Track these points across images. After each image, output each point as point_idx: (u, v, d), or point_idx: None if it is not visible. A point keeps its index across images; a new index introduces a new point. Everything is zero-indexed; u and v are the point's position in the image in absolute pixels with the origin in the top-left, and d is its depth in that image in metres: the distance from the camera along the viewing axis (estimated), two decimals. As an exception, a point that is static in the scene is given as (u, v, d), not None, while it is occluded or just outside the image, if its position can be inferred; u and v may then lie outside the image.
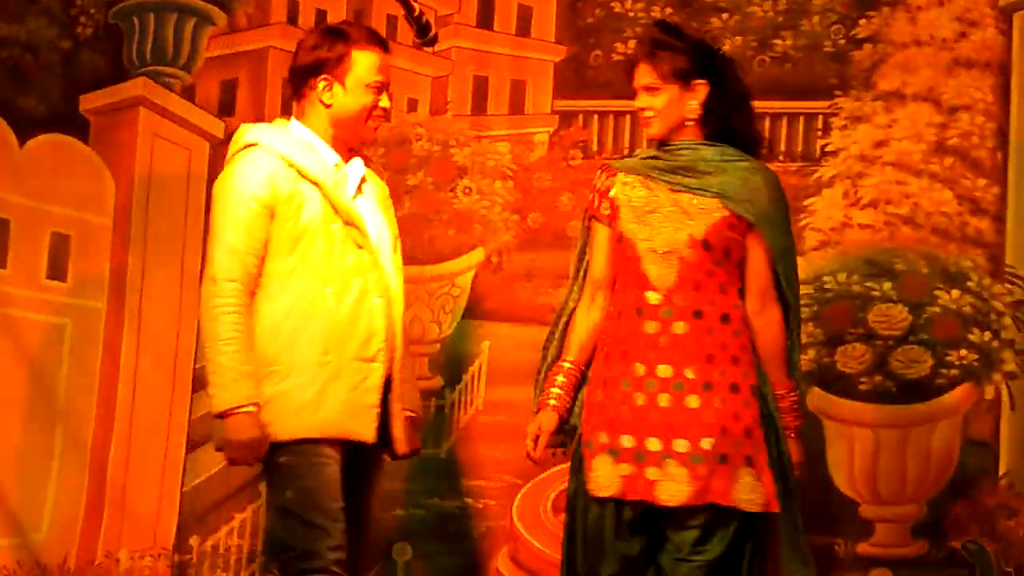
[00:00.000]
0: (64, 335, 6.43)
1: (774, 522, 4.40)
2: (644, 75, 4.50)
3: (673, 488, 4.33)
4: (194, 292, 6.44)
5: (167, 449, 6.38)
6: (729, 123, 4.49)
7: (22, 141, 6.53)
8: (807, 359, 5.84)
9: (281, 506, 4.34)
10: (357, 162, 4.50)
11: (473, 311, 6.21)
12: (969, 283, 5.81)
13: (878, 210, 5.93)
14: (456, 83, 6.39)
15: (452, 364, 6.24)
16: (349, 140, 4.49)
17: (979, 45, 5.92)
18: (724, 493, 4.32)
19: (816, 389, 5.86)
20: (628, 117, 6.19)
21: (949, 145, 5.91)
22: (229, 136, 6.43)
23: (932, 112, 5.94)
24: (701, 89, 4.47)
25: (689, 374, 4.37)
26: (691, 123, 4.50)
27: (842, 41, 6.04)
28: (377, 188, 4.59)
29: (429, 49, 4.67)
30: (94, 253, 6.49)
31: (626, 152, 6.14)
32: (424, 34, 4.45)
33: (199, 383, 6.38)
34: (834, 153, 6.01)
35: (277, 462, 4.34)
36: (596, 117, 6.26)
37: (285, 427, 4.30)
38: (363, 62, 4.44)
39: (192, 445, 6.36)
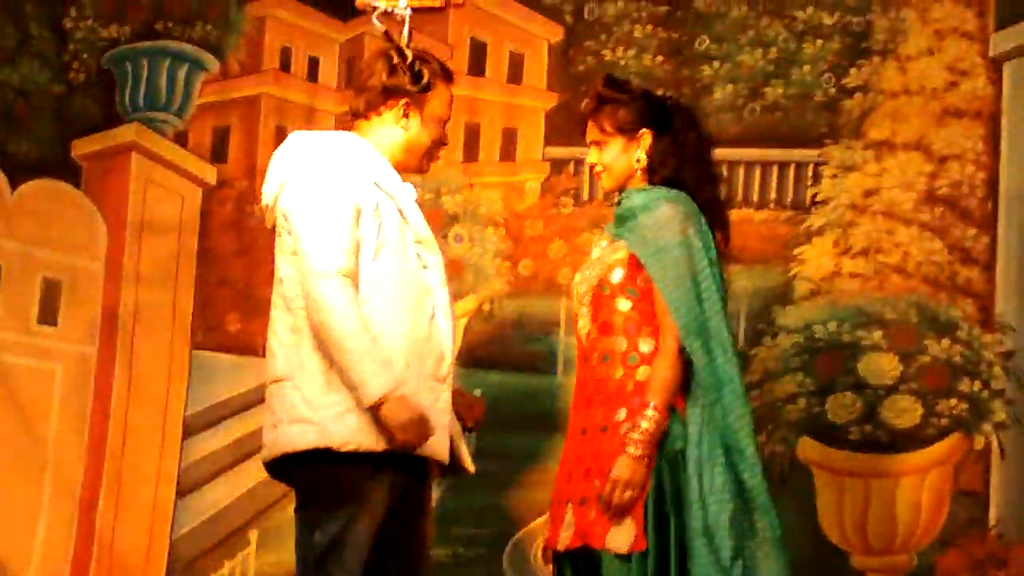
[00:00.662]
0: (54, 380, 6.42)
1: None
2: (591, 131, 4.55)
3: (564, 533, 4.34)
4: (186, 338, 6.46)
5: (156, 496, 6.36)
6: (677, 169, 4.49)
7: (14, 186, 6.54)
8: (797, 409, 5.86)
9: (307, 542, 4.20)
10: (410, 186, 4.42)
11: (465, 359, 6.17)
12: (959, 333, 5.80)
13: (868, 259, 5.94)
14: (448, 130, 6.39)
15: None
16: (408, 168, 4.43)
17: (969, 95, 5.94)
18: (599, 536, 4.25)
19: (806, 438, 5.86)
20: (619, 165, 6.20)
21: (939, 194, 5.92)
22: (221, 183, 6.51)
23: (922, 161, 5.95)
24: (645, 138, 4.48)
25: (594, 418, 4.38)
26: (640, 172, 4.51)
27: (832, 90, 6.06)
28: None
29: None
30: (85, 298, 6.49)
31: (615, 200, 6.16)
32: (417, 81, 4.41)
33: (189, 429, 6.39)
34: (824, 202, 6.02)
35: (330, 478, 4.16)
36: (587, 165, 6.27)
37: (366, 437, 4.15)
38: (441, 96, 4.41)
39: (182, 492, 6.35)
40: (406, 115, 4.36)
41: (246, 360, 6.37)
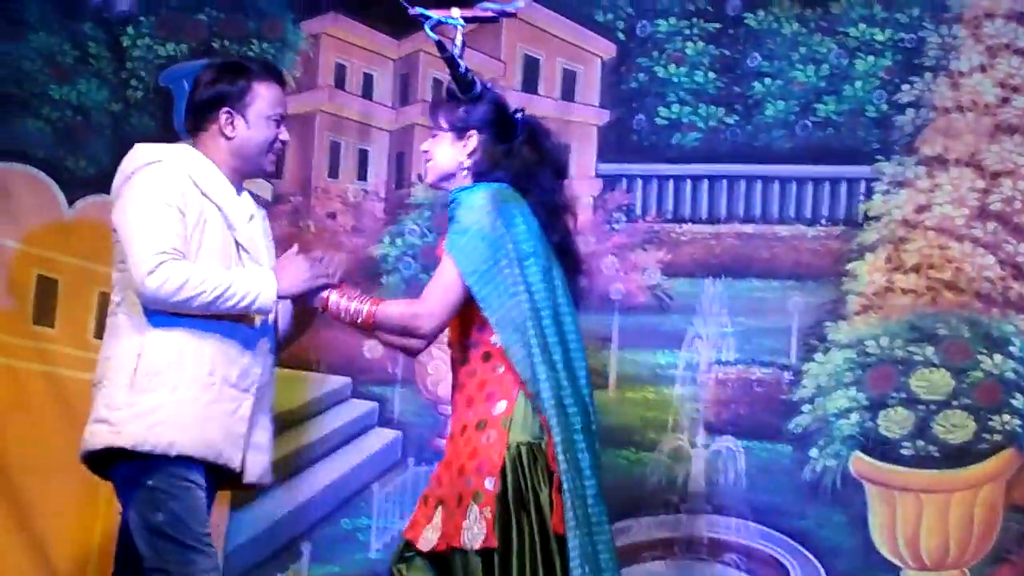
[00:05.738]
0: (110, 394, 6.46)
1: None
2: (433, 122, 4.57)
3: (429, 534, 4.39)
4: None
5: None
6: (503, 179, 4.47)
7: (71, 202, 6.61)
8: (850, 424, 5.87)
9: (152, 527, 4.34)
10: (247, 196, 4.55)
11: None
12: (1012, 348, 5.80)
13: (920, 275, 5.93)
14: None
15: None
16: (248, 172, 4.55)
17: (1021, 111, 5.93)
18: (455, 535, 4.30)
19: (859, 454, 5.86)
20: (671, 181, 6.22)
21: (991, 210, 5.91)
22: (277, 198, 6.56)
23: (974, 177, 5.94)
24: (473, 140, 4.49)
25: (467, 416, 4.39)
26: (464, 173, 4.51)
27: (884, 106, 6.06)
28: (264, 225, 4.66)
29: (474, 108, 4.74)
30: (141, 313, 6.53)
31: (669, 216, 6.19)
32: (469, 91, 4.48)
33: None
34: (876, 218, 6.02)
35: (147, 482, 4.34)
36: (639, 180, 6.29)
37: (172, 439, 4.30)
38: (264, 95, 4.50)
39: (235, 504, 6.38)
40: (231, 122, 4.45)
41: (299, 375, 6.41)
